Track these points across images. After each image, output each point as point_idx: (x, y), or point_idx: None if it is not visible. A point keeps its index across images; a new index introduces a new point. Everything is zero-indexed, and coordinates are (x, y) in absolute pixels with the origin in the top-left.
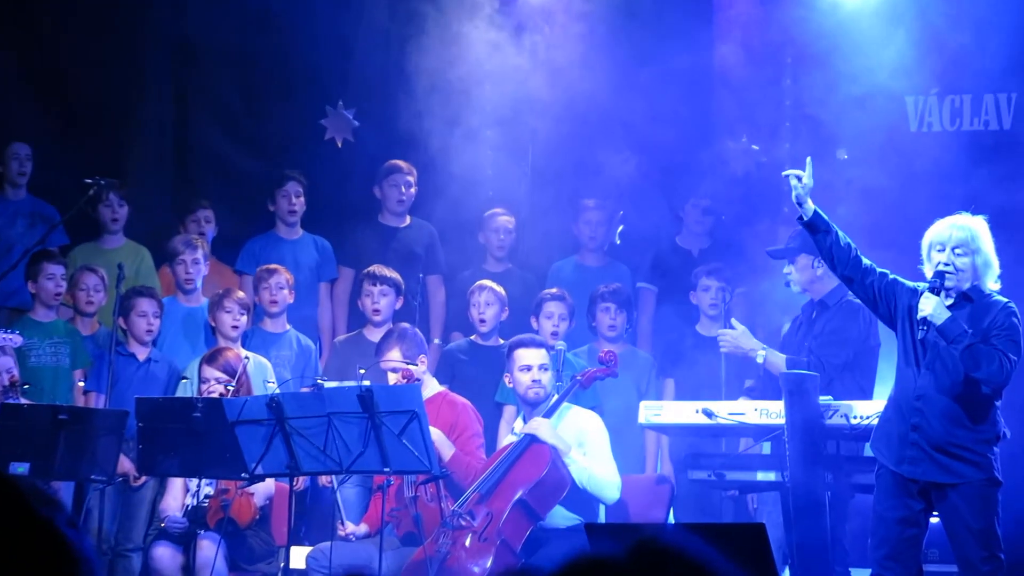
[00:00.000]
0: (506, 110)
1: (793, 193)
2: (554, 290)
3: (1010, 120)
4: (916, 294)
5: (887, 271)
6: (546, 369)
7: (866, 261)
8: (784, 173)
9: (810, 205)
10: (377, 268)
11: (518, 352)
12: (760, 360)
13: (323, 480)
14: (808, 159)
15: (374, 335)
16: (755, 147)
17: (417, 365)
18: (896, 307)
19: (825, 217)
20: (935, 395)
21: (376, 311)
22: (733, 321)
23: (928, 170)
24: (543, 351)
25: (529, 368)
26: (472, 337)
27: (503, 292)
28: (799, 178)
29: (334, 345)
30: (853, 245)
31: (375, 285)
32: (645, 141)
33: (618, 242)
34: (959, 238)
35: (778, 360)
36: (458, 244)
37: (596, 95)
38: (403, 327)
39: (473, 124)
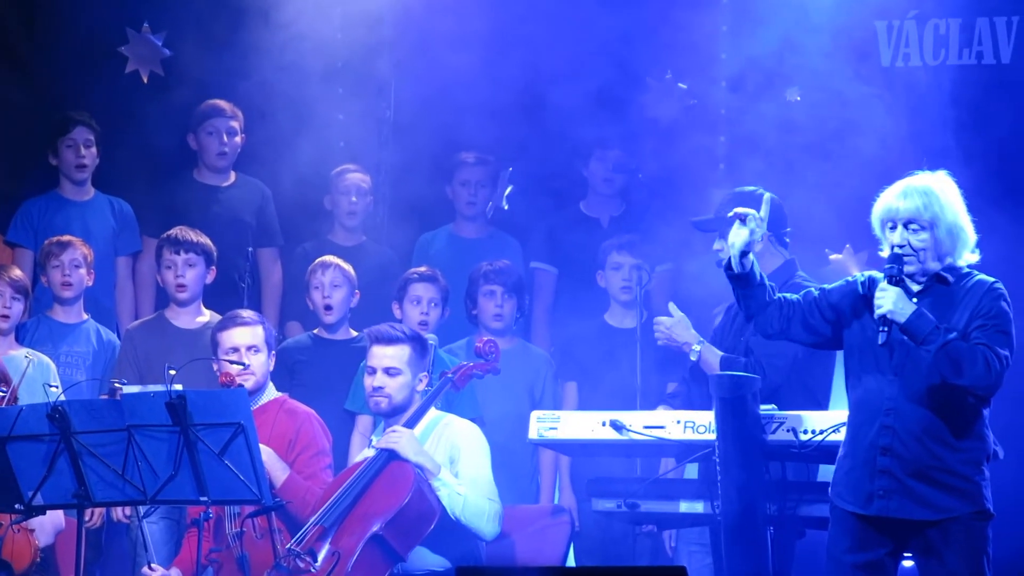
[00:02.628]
0: (359, 35)
1: (739, 244)
2: (423, 269)
3: (1010, 52)
4: (871, 285)
5: (809, 289)
6: (395, 373)
7: (790, 297)
8: (731, 213)
9: (751, 256)
10: (180, 231)
11: (373, 349)
12: (694, 357)
13: (119, 513)
14: (767, 197)
15: (180, 318)
16: (682, 86)
17: (268, 361)
18: (842, 313)
19: (758, 272)
20: (908, 408)
21: (181, 286)
22: (671, 307)
23: (904, 115)
24: (400, 348)
25: (374, 371)
26: (315, 330)
27: (352, 272)
28: (743, 220)
29: (127, 334)
30: (777, 292)
31: (178, 253)
32: (538, 76)
33: (505, 207)
34: (909, 209)
35: (712, 358)
36: (298, 209)
37: (474, 17)
38: (257, 314)
39: (317, 53)
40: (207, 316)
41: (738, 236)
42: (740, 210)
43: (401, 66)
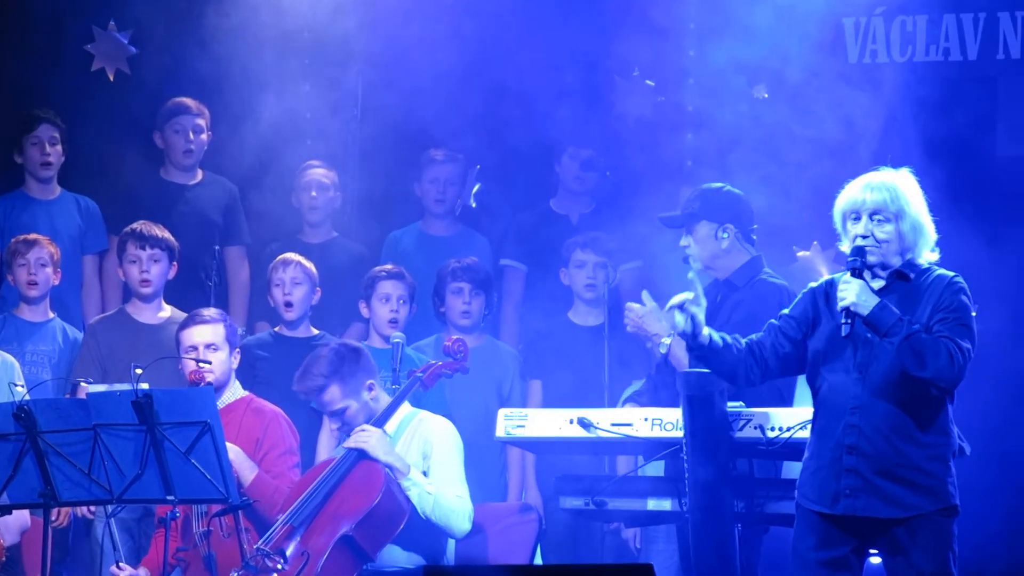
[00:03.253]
0: (328, 34)
1: (680, 327)
2: (390, 266)
3: (976, 48)
4: (829, 287)
5: (769, 321)
6: (341, 413)
7: (755, 338)
8: (668, 307)
9: (707, 330)
10: (143, 226)
11: None
12: (663, 351)
13: (83, 511)
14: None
15: (142, 314)
16: (650, 83)
17: (231, 359)
18: (805, 323)
19: (719, 338)
20: (873, 405)
21: (146, 281)
22: (645, 295)
23: (871, 112)
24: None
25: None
26: (276, 328)
27: (313, 268)
28: (682, 307)
29: (90, 329)
30: (742, 341)
31: (143, 248)
32: (509, 75)
33: (474, 205)
34: (875, 201)
35: (682, 353)
36: (267, 208)
37: (443, 14)
38: (219, 312)
39: (284, 50)
40: (168, 311)
41: (680, 321)
42: (674, 301)
43: (369, 64)
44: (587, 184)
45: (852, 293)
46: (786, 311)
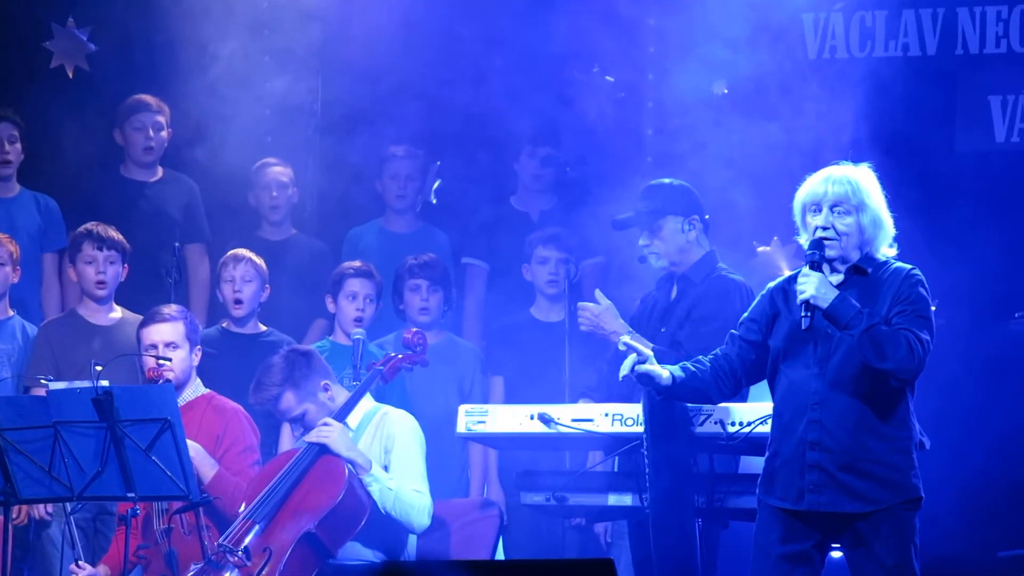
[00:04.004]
0: (288, 29)
1: (633, 368)
2: (358, 263)
3: (935, 43)
4: (787, 284)
5: (732, 333)
6: (300, 418)
7: (718, 353)
8: (621, 376)
9: (666, 374)
10: (99, 227)
11: None
12: (622, 347)
13: (40, 511)
14: (626, 339)
15: (94, 315)
16: (609, 79)
17: (192, 357)
18: (765, 323)
19: (681, 371)
20: (835, 400)
21: (102, 283)
22: (598, 293)
23: (831, 108)
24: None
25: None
26: (224, 323)
27: (264, 265)
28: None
29: (42, 330)
30: (705, 361)
31: (100, 249)
32: (469, 72)
33: (434, 201)
34: (837, 194)
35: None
36: (227, 205)
37: (402, 12)
38: (184, 308)
39: (244, 47)
40: (120, 312)
41: (627, 363)
42: (624, 371)
43: (328, 61)
44: (546, 181)
45: (811, 286)
46: (746, 315)
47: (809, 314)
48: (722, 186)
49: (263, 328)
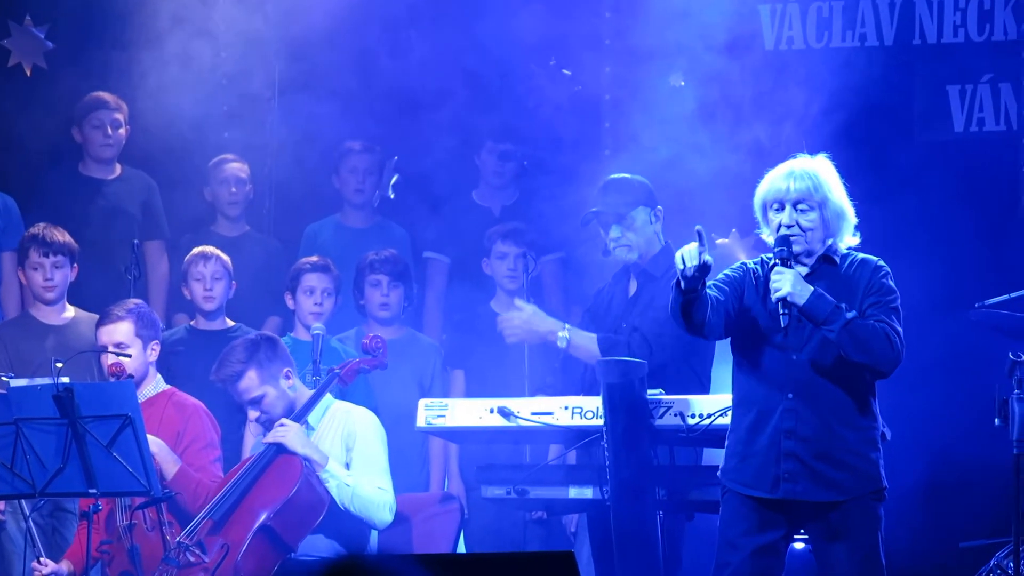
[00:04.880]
0: (242, 27)
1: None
2: (315, 259)
3: (892, 33)
4: (760, 268)
5: (712, 284)
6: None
7: (711, 294)
8: (691, 265)
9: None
10: (45, 230)
11: None
12: (563, 344)
13: None
14: (701, 227)
15: (47, 316)
16: (567, 72)
17: (147, 353)
18: (741, 297)
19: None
20: (810, 389)
21: (49, 288)
22: (517, 301)
23: (789, 99)
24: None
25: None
26: (192, 321)
27: (230, 263)
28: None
29: None
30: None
31: (47, 256)
32: (427, 66)
33: (392, 196)
34: (799, 189)
35: (585, 342)
36: (182, 200)
37: (359, 6)
38: (138, 302)
39: (200, 44)
40: (72, 312)
41: (694, 251)
42: (691, 250)
43: (286, 55)
44: (506, 177)
45: (787, 283)
46: (721, 276)
47: (787, 311)
48: (680, 178)
49: (231, 323)
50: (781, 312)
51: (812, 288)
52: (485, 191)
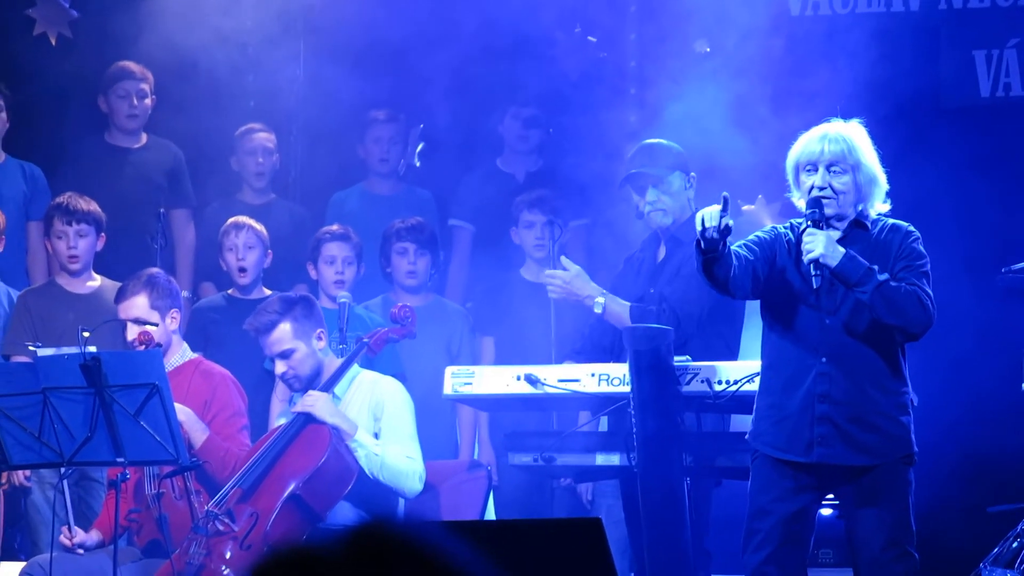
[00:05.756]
0: None
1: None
2: (335, 227)
3: None
4: (791, 232)
5: (742, 244)
6: (289, 353)
7: (740, 252)
8: (716, 223)
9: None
10: (70, 199)
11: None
12: (599, 310)
13: (19, 477)
14: (727, 193)
15: (72, 284)
16: (592, 39)
17: (166, 323)
18: (773, 259)
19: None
20: (843, 353)
21: (74, 257)
22: (564, 260)
23: (814, 66)
24: (279, 331)
25: (272, 360)
26: (229, 291)
27: (265, 232)
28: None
29: (21, 299)
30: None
31: (70, 224)
32: (449, 33)
33: (418, 164)
34: (833, 152)
35: (620, 309)
36: (211, 170)
37: None
38: (153, 272)
39: (225, 12)
40: (99, 281)
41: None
42: (712, 211)
43: (312, 25)
44: (531, 143)
45: (820, 245)
46: (752, 237)
47: (819, 273)
48: (706, 145)
49: (267, 293)
50: (814, 274)
51: (844, 250)
52: (510, 157)
